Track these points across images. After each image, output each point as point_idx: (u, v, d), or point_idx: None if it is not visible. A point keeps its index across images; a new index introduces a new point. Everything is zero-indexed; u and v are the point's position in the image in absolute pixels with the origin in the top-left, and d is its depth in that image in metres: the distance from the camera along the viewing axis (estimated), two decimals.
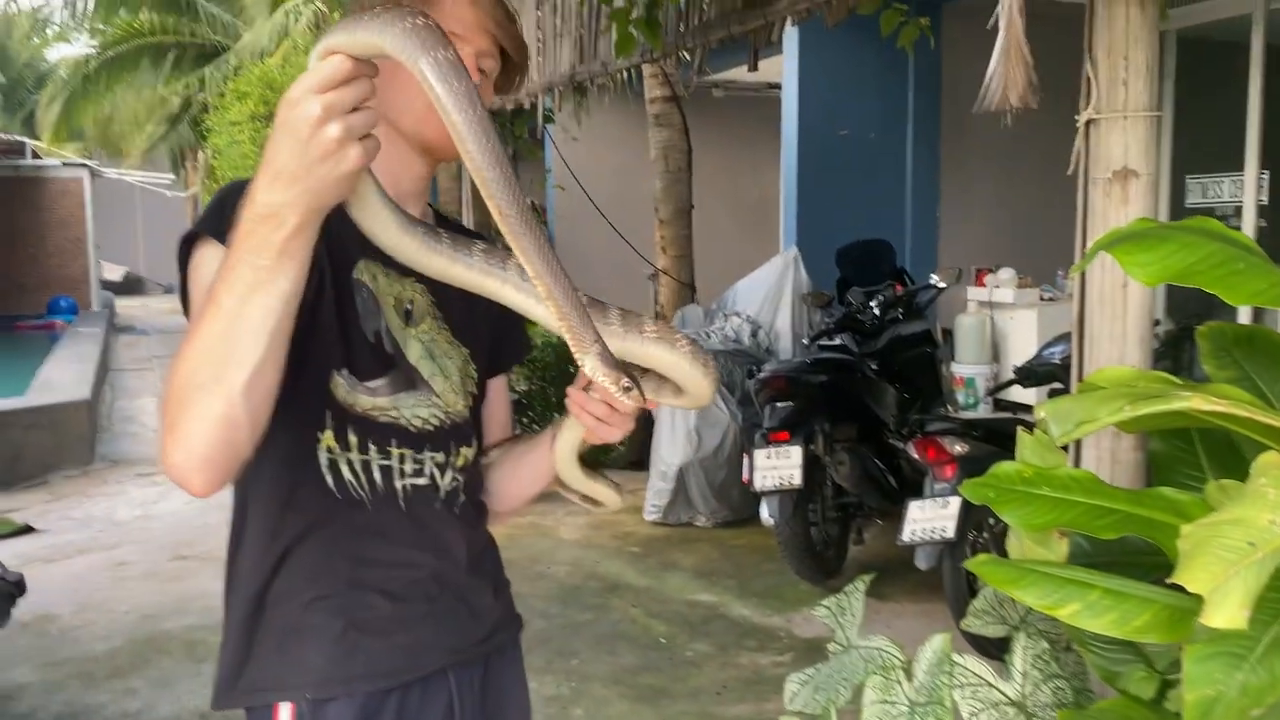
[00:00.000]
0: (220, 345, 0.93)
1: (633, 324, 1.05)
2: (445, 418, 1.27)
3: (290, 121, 0.85)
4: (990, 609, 2.03)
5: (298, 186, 0.87)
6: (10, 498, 6.29)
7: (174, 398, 0.96)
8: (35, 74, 24.54)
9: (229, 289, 0.92)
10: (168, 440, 0.97)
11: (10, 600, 3.27)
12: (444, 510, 1.27)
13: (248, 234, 0.90)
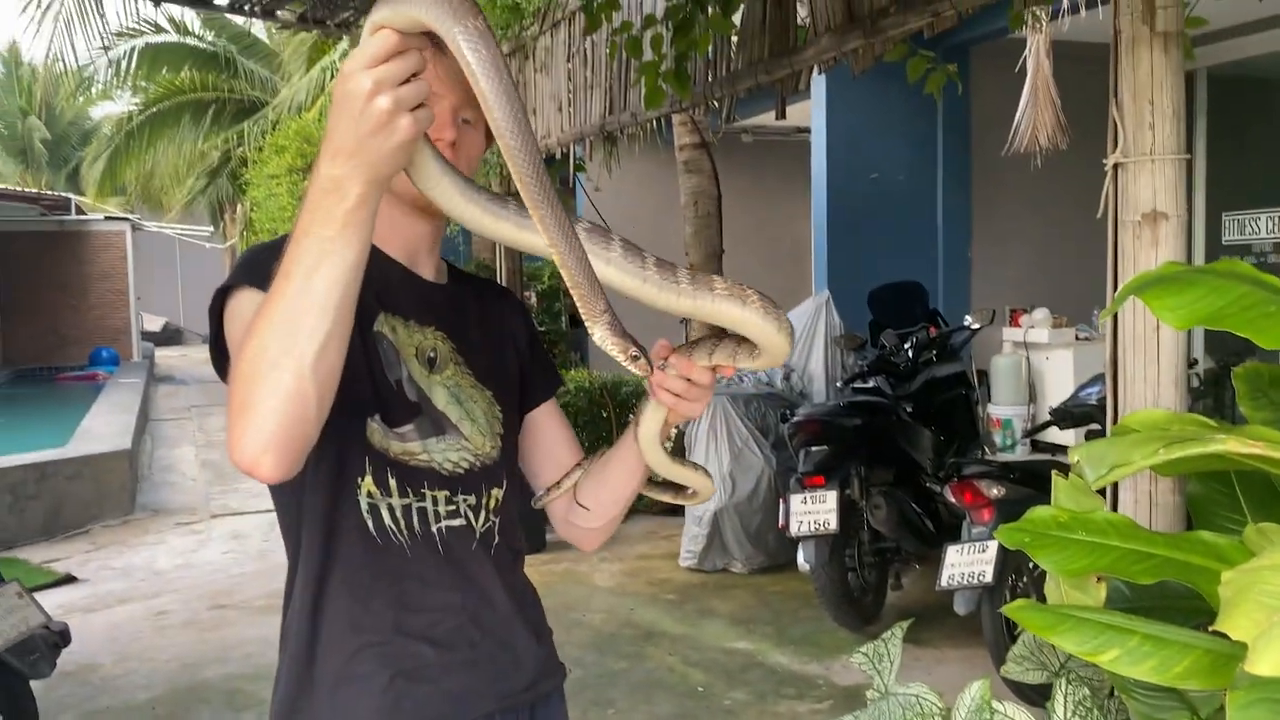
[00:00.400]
0: (290, 319, 0.95)
1: (702, 283, 1.04)
2: (475, 460, 1.30)
3: (344, 97, 0.88)
4: (1030, 655, 2.01)
5: (356, 159, 0.90)
6: (52, 547, 6.37)
7: (243, 378, 0.97)
8: (80, 131, 25.24)
9: (297, 263, 0.95)
10: (237, 423, 0.98)
11: (56, 650, 3.30)
12: (480, 552, 1.29)
13: (313, 208, 0.93)
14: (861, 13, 2.92)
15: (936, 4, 2.57)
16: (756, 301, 1.06)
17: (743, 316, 1.05)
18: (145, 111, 16.77)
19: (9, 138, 24.66)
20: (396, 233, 1.28)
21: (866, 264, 6.49)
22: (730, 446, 5.36)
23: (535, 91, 5.65)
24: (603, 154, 5.14)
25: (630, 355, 1.01)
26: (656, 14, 3.56)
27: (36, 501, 6.63)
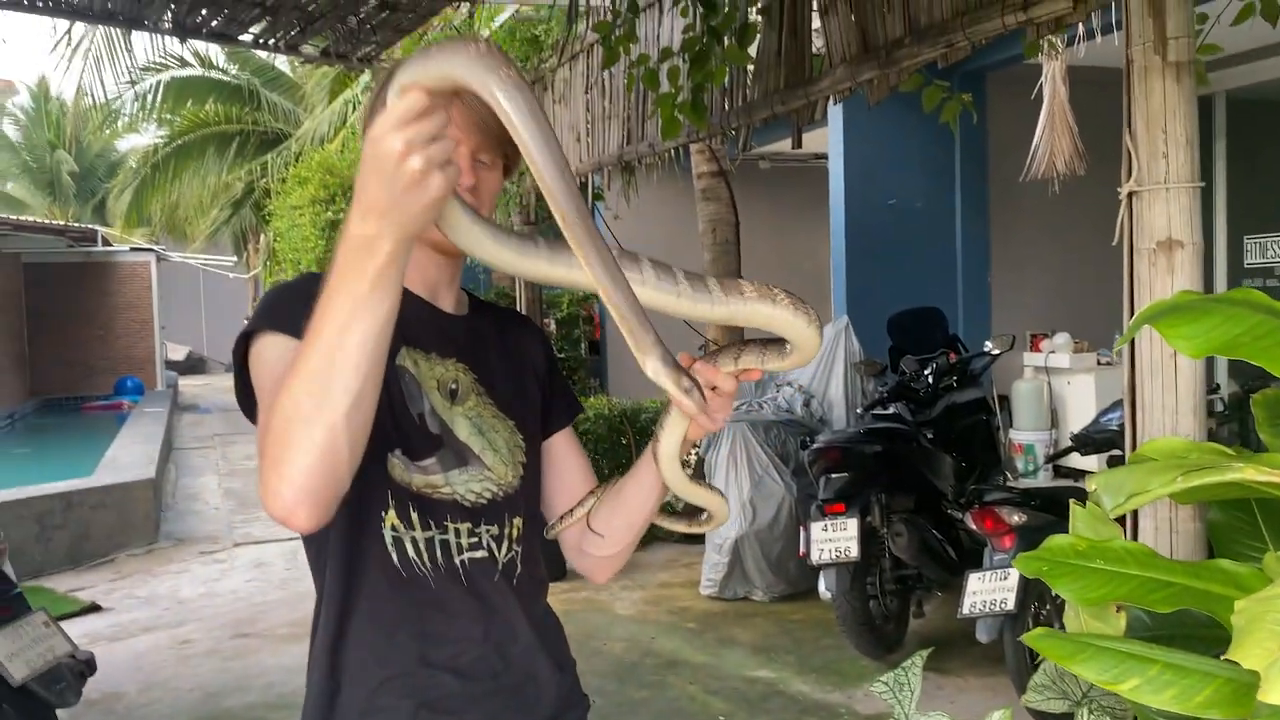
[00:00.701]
0: (322, 376, 0.97)
1: (731, 289, 1.06)
2: (498, 490, 1.31)
3: (375, 158, 0.90)
4: (1051, 684, 2.00)
5: (388, 217, 0.92)
6: (78, 576, 6.43)
7: (276, 431, 1.00)
8: (107, 164, 25.60)
9: (328, 320, 0.96)
10: (271, 476, 1.00)
11: (81, 679, 3.33)
12: (503, 583, 1.30)
13: (344, 266, 0.95)
14: (876, 43, 2.95)
15: (950, 34, 2.60)
16: (785, 299, 1.08)
17: (773, 314, 1.07)
18: (171, 144, 17.04)
19: (37, 170, 25.05)
20: (417, 269, 1.30)
21: (885, 290, 6.49)
22: (750, 473, 5.36)
23: (554, 122, 5.71)
24: (621, 183, 5.18)
25: (684, 388, 1.01)
26: (673, 46, 3.60)
27: (63, 531, 6.69)
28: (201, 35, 4.93)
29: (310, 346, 0.98)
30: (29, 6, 4.61)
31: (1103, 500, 1.56)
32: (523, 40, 5.81)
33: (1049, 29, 2.41)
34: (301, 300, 1.09)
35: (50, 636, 3.27)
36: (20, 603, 3.34)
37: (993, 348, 5.11)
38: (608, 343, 11.04)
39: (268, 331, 1.19)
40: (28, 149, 25.16)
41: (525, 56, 5.88)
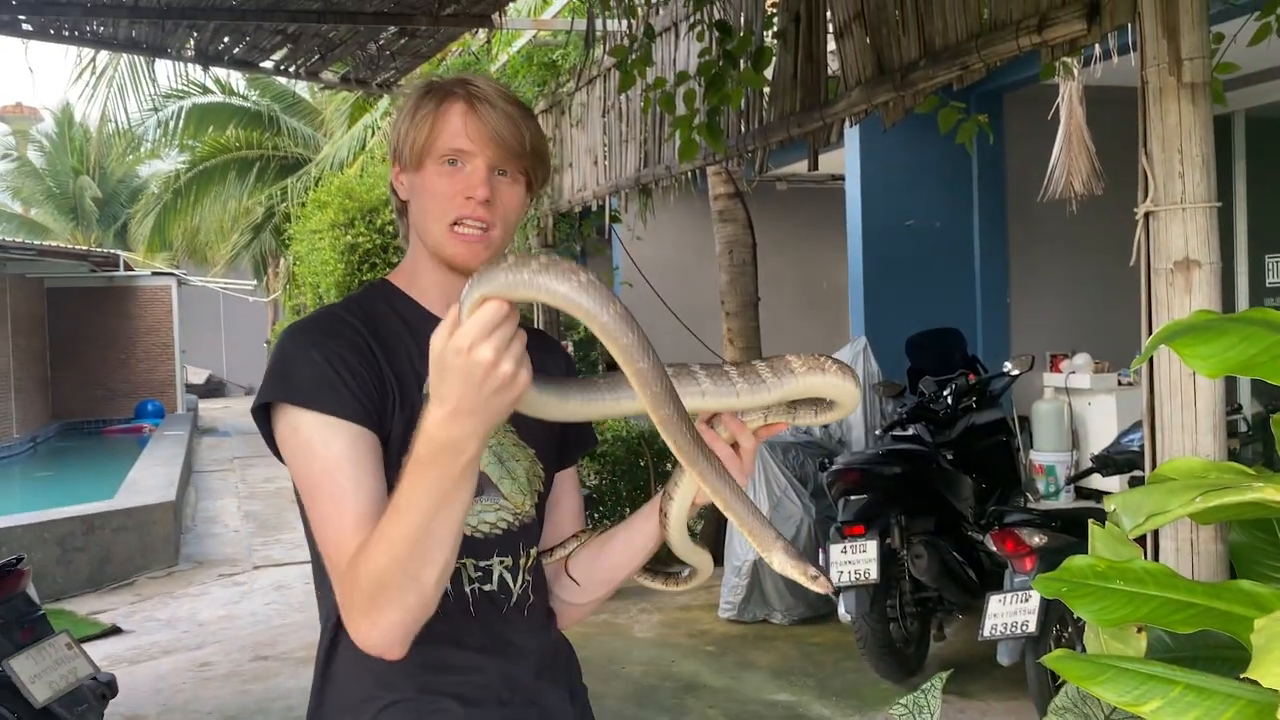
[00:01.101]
0: (412, 553, 1.02)
1: (781, 369, 1.11)
2: (514, 520, 1.30)
3: (466, 367, 0.93)
4: (1073, 706, 1.99)
5: (476, 417, 0.95)
6: (99, 599, 6.46)
7: (365, 587, 1.06)
8: (129, 189, 25.87)
9: (414, 508, 1.01)
10: (362, 623, 1.08)
11: (103, 701, 3.36)
12: (514, 614, 1.29)
13: (429, 464, 0.99)
14: (891, 66, 2.97)
15: (965, 56, 2.61)
16: (833, 366, 1.13)
17: (824, 382, 1.13)
18: (192, 169, 17.24)
19: (61, 196, 25.35)
20: (440, 290, 1.29)
21: (904, 311, 6.48)
22: (769, 495, 5.34)
23: (572, 146, 5.75)
24: (638, 205, 5.21)
25: (811, 575, 1.07)
26: (689, 70, 3.63)
27: (84, 553, 6.74)
28: (223, 63, 5.01)
29: (396, 527, 1.02)
30: (55, 36, 4.69)
31: (1122, 521, 1.55)
32: (540, 65, 5.87)
33: (1064, 50, 2.42)
34: (322, 362, 1.17)
35: (73, 659, 3.30)
36: (43, 625, 3.37)
37: (1012, 368, 5.09)
38: None
39: (289, 406, 1.17)
40: (52, 175, 25.47)
41: (542, 81, 5.93)
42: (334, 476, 1.14)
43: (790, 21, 3.45)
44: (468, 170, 1.24)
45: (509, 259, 0.94)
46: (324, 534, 1.13)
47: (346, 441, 1.15)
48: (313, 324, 1.24)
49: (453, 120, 1.24)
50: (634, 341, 0.95)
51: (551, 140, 5.99)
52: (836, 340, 7.32)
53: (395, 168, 1.31)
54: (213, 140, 17.05)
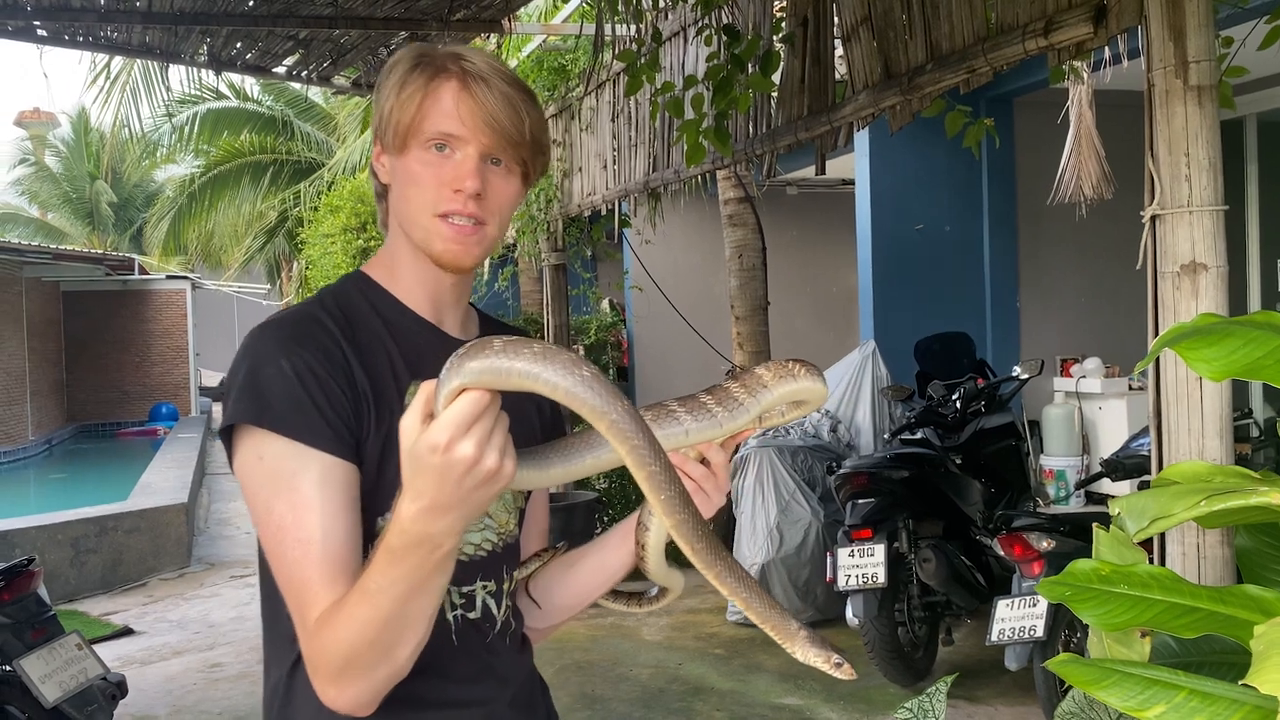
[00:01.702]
0: (381, 636, 0.96)
1: (754, 385, 1.08)
2: (498, 540, 1.20)
3: (443, 466, 0.85)
4: (1080, 711, 1.98)
5: (455, 511, 0.89)
6: (111, 600, 6.49)
7: (329, 661, 0.99)
8: (144, 194, 26.05)
9: (385, 594, 0.94)
10: (329, 689, 1.01)
11: (113, 702, 3.37)
12: (498, 642, 1.20)
13: (402, 556, 0.92)
14: (898, 70, 2.97)
15: (972, 60, 2.61)
16: (802, 370, 1.11)
17: (797, 388, 1.11)
18: (206, 174, 17.33)
19: (77, 201, 25.53)
20: (424, 287, 1.19)
21: (913, 315, 6.47)
22: (777, 499, 5.34)
23: (581, 151, 5.76)
24: (648, 210, 5.22)
25: (834, 663, 1.04)
26: (697, 74, 3.63)
27: (96, 555, 6.78)
28: (236, 68, 5.04)
29: (365, 609, 0.95)
30: (70, 41, 4.73)
31: (1126, 525, 1.55)
32: (550, 70, 5.88)
33: (1070, 54, 2.42)
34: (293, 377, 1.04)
35: (83, 659, 3.32)
36: (54, 625, 3.39)
37: (1021, 372, 5.08)
38: (635, 369, 11.07)
39: (254, 429, 1.05)
40: (68, 180, 25.66)
41: (552, 86, 5.94)
42: (301, 518, 1.02)
43: (798, 26, 3.46)
44: (457, 158, 1.11)
45: (496, 343, 0.85)
46: (287, 581, 1.03)
47: (317, 475, 1.03)
48: (283, 327, 1.10)
49: (443, 99, 1.10)
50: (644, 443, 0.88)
51: (561, 144, 6.00)
52: (846, 344, 7.31)
53: (376, 146, 1.18)
54: (227, 145, 17.14)
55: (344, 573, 1.00)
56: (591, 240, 6.41)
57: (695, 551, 0.94)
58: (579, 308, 9.59)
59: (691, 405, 1.05)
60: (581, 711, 4.29)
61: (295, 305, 1.17)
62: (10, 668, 3.25)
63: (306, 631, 1.01)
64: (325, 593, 1.00)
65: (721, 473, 1.14)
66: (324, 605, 1.00)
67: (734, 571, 0.98)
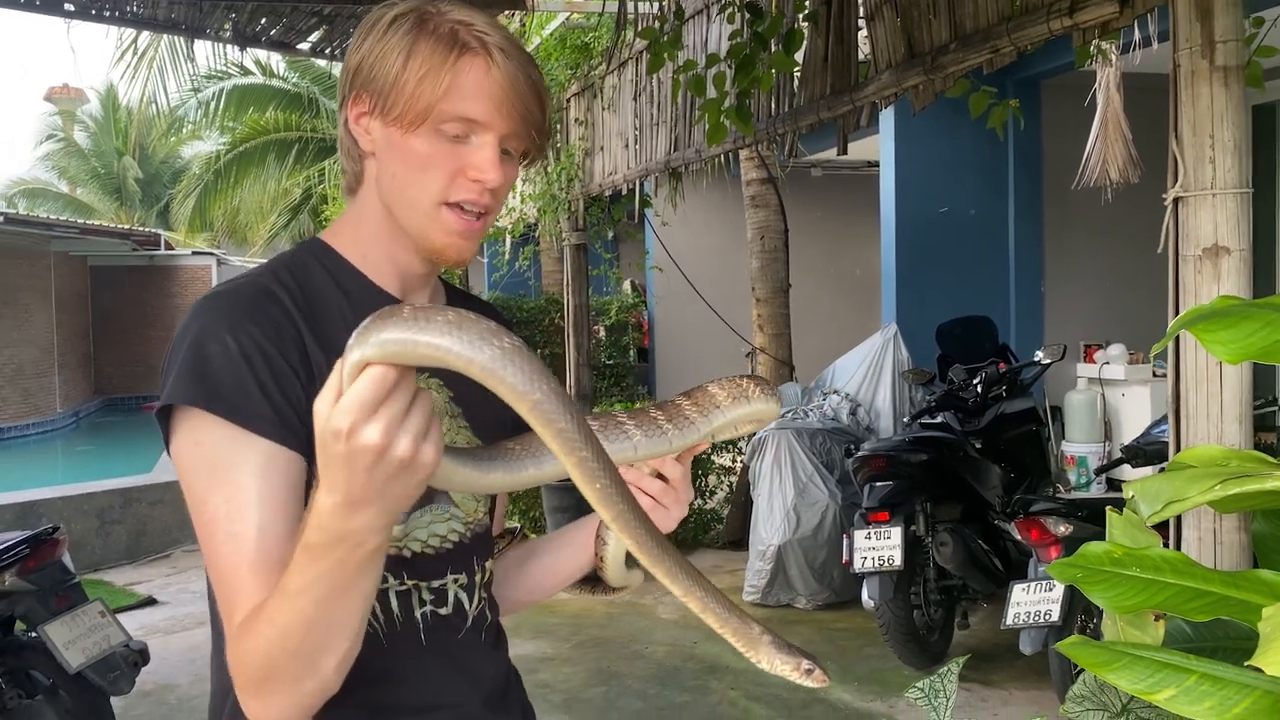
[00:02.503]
0: (304, 643, 0.86)
1: (706, 404, 1.04)
2: (465, 530, 1.11)
3: (348, 455, 0.75)
4: (1091, 695, 1.98)
5: (373, 506, 0.79)
6: (136, 570, 6.58)
7: (250, 670, 0.90)
8: (171, 170, 26.23)
9: (306, 595, 0.84)
10: (252, 702, 0.91)
11: (135, 669, 3.42)
12: (472, 638, 1.12)
13: (322, 554, 0.82)
14: (921, 49, 2.94)
15: (996, 40, 2.58)
16: (756, 390, 1.06)
17: (750, 411, 1.06)
18: (232, 151, 17.43)
19: (105, 177, 25.74)
20: (394, 265, 1.09)
21: (936, 298, 6.44)
22: (795, 481, 5.34)
23: (603, 129, 5.75)
24: (668, 190, 5.21)
25: (804, 670, 0.95)
26: (720, 53, 3.62)
27: (121, 526, 6.87)
28: (260, 44, 5.05)
29: (285, 613, 0.85)
30: (96, 16, 4.76)
31: (1140, 508, 1.54)
32: (573, 48, 5.87)
33: (1096, 34, 2.39)
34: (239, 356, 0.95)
35: (106, 626, 3.37)
36: (78, 593, 3.45)
37: (1043, 357, 5.05)
38: (656, 350, 11.08)
39: (194, 409, 0.95)
40: (97, 155, 25.87)
41: (575, 64, 5.93)
42: (235, 512, 0.93)
43: (821, 4, 3.43)
44: (475, 144, 1.02)
45: (405, 310, 0.74)
46: (218, 579, 0.94)
47: (258, 466, 0.94)
48: (231, 299, 1.00)
49: (469, 78, 1.00)
50: (571, 426, 0.77)
51: (583, 123, 5.99)
52: (869, 327, 7.27)
53: (358, 108, 1.04)
54: (252, 122, 17.22)
55: (281, 572, 0.88)
56: (612, 220, 6.41)
57: (639, 545, 0.85)
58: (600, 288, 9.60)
59: (642, 420, 0.99)
60: (597, 687, 4.32)
61: (245, 274, 1.06)
62: (35, 634, 3.31)
63: (230, 636, 0.93)
64: (256, 594, 0.90)
65: (681, 486, 1.09)
66: (251, 607, 0.90)
67: (684, 569, 0.89)
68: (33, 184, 26.55)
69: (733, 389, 1.04)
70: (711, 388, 1.04)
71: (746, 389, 1.05)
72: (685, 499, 1.11)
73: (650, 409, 1.01)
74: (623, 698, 4.22)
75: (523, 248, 8.78)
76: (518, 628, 4.98)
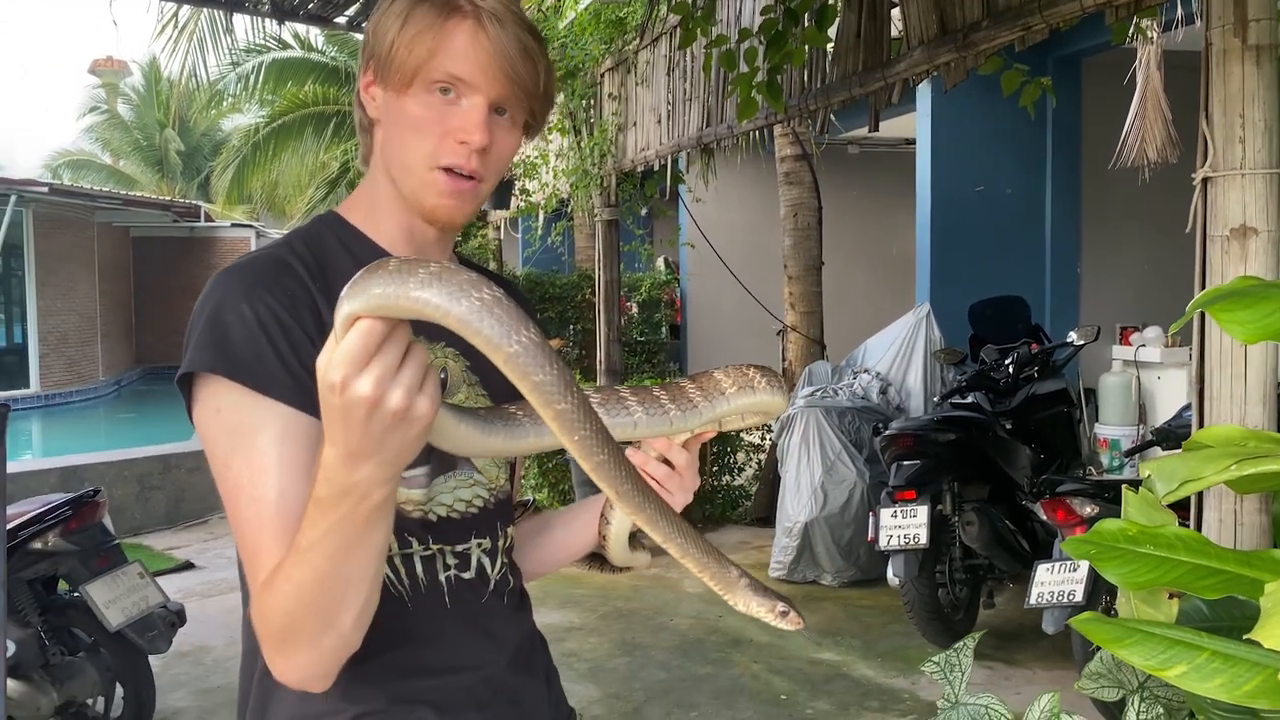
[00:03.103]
0: (319, 598, 0.88)
1: (712, 391, 1.04)
2: (489, 496, 1.14)
3: (343, 407, 0.76)
4: (1107, 672, 1.99)
5: (377, 457, 0.80)
6: (175, 535, 6.73)
7: (271, 628, 0.92)
8: (211, 143, 26.50)
9: (317, 550, 0.86)
10: (276, 660, 0.94)
11: (172, 629, 3.52)
12: (494, 602, 1.14)
13: (330, 507, 0.83)
14: (954, 26, 2.92)
15: (1028, 17, 2.56)
16: (762, 381, 1.06)
17: (755, 401, 1.06)
18: (271, 124, 17.55)
19: (148, 149, 26.06)
20: (408, 235, 1.12)
21: (971, 277, 6.40)
22: (823, 458, 5.35)
23: (636, 104, 5.75)
24: (700, 166, 5.20)
25: (779, 612, 0.96)
26: (752, 28, 3.61)
27: (160, 492, 7.02)
28: (298, 17, 5.10)
29: (300, 569, 0.87)
30: None
31: (1156, 487, 1.55)
32: (607, 23, 5.86)
33: (1129, 10, 2.36)
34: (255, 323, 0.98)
35: (144, 587, 3.47)
36: (117, 554, 3.54)
37: (1076, 339, 5.01)
38: (689, 327, 11.08)
39: (215, 376, 0.98)
40: (139, 128, 26.19)
41: (610, 39, 5.92)
42: (257, 476, 0.96)
43: None
44: (464, 106, 1.03)
45: (390, 263, 0.75)
46: (241, 541, 0.97)
47: (277, 431, 0.96)
48: (248, 271, 1.03)
49: (456, 39, 1.02)
50: (551, 378, 0.76)
51: (616, 98, 5.99)
52: (903, 306, 7.24)
53: (367, 76, 1.07)
54: (291, 95, 17.31)
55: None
56: (644, 196, 6.41)
57: (620, 495, 0.85)
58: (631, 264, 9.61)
59: (644, 398, 1.00)
60: (621, 658, 4.38)
61: (262, 248, 1.09)
62: (77, 593, 3.41)
63: (254, 596, 0.95)
64: (277, 556, 0.92)
65: (687, 472, 1.10)
66: (273, 567, 0.92)
67: (665, 514, 0.90)
68: (77, 155, 26.95)
69: (739, 378, 1.05)
70: (718, 374, 1.05)
71: (753, 379, 1.05)
72: (690, 486, 1.11)
73: (655, 389, 1.02)
74: (646, 668, 4.27)
75: (555, 223, 8.81)
76: (545, 597, 5.05)
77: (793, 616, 0.97)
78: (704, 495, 6.38)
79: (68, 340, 15.39)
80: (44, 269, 14.77)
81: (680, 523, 0.92)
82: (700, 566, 0.94)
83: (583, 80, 6.22)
